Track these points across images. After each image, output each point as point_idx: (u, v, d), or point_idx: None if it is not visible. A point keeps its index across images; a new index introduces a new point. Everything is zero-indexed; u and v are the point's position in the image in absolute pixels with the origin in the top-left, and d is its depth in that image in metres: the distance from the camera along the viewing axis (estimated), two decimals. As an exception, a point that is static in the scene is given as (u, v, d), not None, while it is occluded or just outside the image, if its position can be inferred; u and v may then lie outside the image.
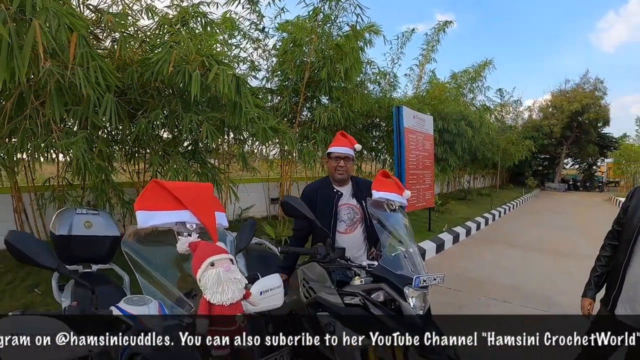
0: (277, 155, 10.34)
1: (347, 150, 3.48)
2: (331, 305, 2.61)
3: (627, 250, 2.70)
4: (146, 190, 1.68)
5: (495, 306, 6.26)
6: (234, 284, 1.49)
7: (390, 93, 13.13)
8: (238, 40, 9.08)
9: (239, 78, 5.07)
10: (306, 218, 2.87)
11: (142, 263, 1.64)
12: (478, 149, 19.27)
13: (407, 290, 2.56)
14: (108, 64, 4.47)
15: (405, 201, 3.16)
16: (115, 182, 5.70)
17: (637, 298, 2.61)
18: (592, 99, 38.94)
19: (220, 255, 1.51)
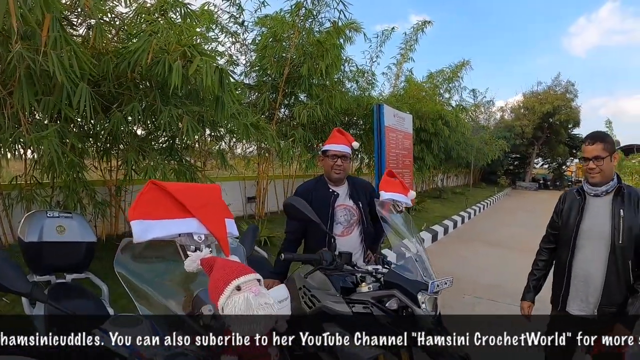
0: (254, 153, 10.16)
1: (345, 148, 3.29)
2: (338, 315, 2.41)
3: (569, 248, 2.91)
4: (142, 193, 1.37)
5: (482, 305, 6.26)
6: (266, 310, 1.21)
7: (369, 91, 13.00)
8: (216, 33, 8.86)
9: (223, 70, 4.81)
10: (311, 221, 2.67)
11: (140, 286, 1.35)
12: (453, 148, 19.31)
13: (420, 296, 2.40)
14: (84, 52, 4.16)
15: (409, 202, 3.06)
16: (86, 180, 5.39)
17: (589, 291, 2.82)
18: (563, 101, 39.84)
19: (247, 276, 1.22)
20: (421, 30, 15.15)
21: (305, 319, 2.53)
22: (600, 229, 2.79)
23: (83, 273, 3.07)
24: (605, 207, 2.81)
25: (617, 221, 2.73)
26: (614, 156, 2.76)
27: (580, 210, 2.90)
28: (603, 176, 2.77)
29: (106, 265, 2.78)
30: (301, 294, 2.60)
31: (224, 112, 5.23)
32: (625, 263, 2.71)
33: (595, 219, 2.82)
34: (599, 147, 2.74)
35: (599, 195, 2.84)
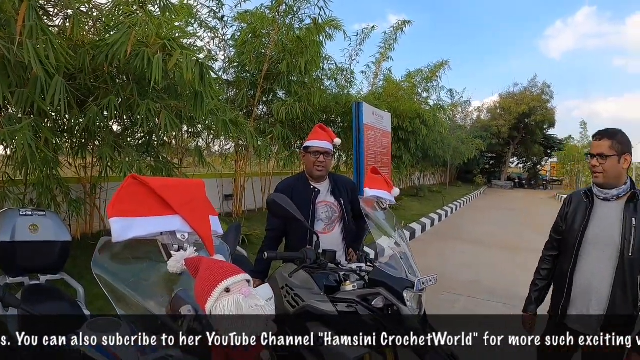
0: (232, 150, 10.09)
1: (327, 145, 3.23)
2: (324, 314, 2.37)
3: (572, 256, 2.66)
4: (122, 189, 1.26)
5: (460, 301, 6.29)
6: (257, 313, 1.13)
7: (348, 90, 13.01)
8: (195, 28, 8.81)
9: (203, 64, 4.72)
10: (294, 218, 2.62)
11: (120, 289, 1.26)
12: (430, 147, 19.41)
13: (406, 293, 2.37)
14: (61, 43, 4.03)
15: (393, 199, 3.02)
16: (61, 178, 5.22)
17: (591, 304, 2.58)
18: (539, 102, 40.72)
19: (236, 276, 1.14)
20: (400, 29, 15.20)
21: (289, 319, 2.47)
22: (608, 237, 2.53)
23: (58, 274, 2.95)
24: (615, 214, 2.53)
25: (629, 231, 2.46)
26: (624, 157, 2.47)
27: (587, 215, 2.63)
28: (606, 177, 2.50)
29: (81, 265, 2.70)
30: (284, 293, 2.55)
31: (204, 108, 5.13)
32: (634, 277, 2.46)
33: (604, 225, 2.56)
34: (605, 144, 2.48)
35: (608, 199, 2.57)
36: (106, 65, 4.64)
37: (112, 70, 4.97)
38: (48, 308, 2.01)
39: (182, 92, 5.27)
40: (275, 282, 2.64)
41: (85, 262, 4.96)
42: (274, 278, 2.72)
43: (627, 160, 2.48)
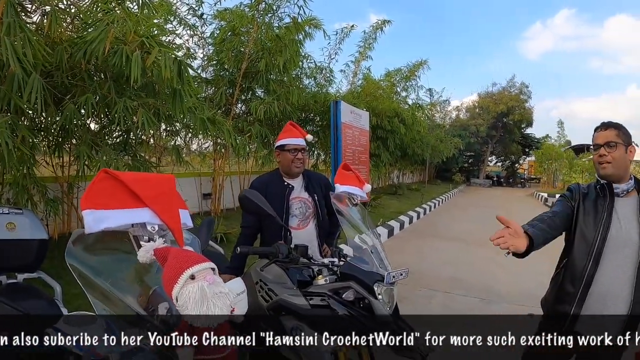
0: (210, 148, 10.09)
1: (302, 142, 3.28)
2: (297, 308, 2.41)
3: (590, 258, 2.35)
4: (94, 183, 1.31)
5: (437, 297, 6.37)
6: (220, 299, 1.18)
7: (326, 88, 13.09)
8: (174, 25, 8.74)
9: (181, 62, 4.70)
10: (266, 214, 2.66)
11: (93, 278, 1.29)
12: (409, 146, 19.53)
13: (377, 287, 2.42)
14: (39, 40, 4.03)
15: (365, 195, 3.07)
16: (37, 176, 5.18)
17: (607, 309, 2.32)
18: (517, 102, 41.42)
19: (201, 264, 1.20)
20: (380, 29, 15.27)
21: (263, 313, 2.52)
22: (626, 237, 2.30)
23: (35, 272, 2.92)
24: (630, 211, 2.33)
25: None
26: (630, 148, 2.32)
27: (608, 212, 2.36)
28: (615, 167, 2.30)
29: (59, 265, 2.71)
30: (258, 288, 2.59)
31: (182, 106, 5.12)
32: None
33: (623, 223, 2.32)
34: (612, 133, 2.30)
35: (619, 194, 2.36)
36: (84, 62, 4.61)
37: (90, 68, 4.94)
38: (26, 306, 2.01)
39: (160, 90, 5.26)
40: (250, 278, 2.68)
41: (62, 262, 4.92)
42: (248, 274, 2.76)
43: (632, 151, 2.33)
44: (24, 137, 4.36)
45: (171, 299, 1.18)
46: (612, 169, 2.30)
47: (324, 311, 2.38)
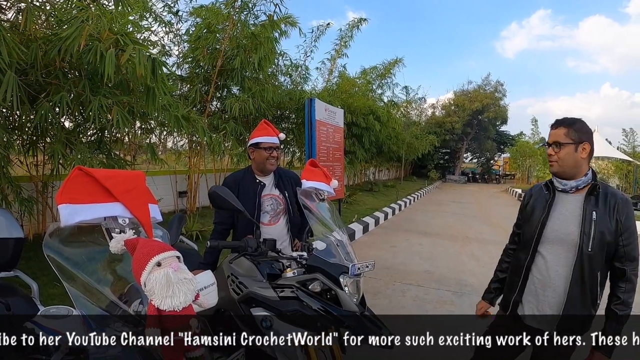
0: (185, 146, 10.08)
1: (276, 140, 3.35)
2: (266, 300, 2.50)
3: (529, 250, 2.53)
4: (69, 179, 1.40)
5: (410, 291, 6.45)
6: (184, 285, 1.28)
7: (302, 85, 13.16)
8: (149, 22, 8.71)
9: (155, 59, 4.74)
10: (236, 210, 2.74)
11: (69, 268, 1.36)
12: (384, 143, 19.69)
13: (342, 279, 2.52)
14: (13, 37, 4.04)
15: (332, 190, 3.13)
16: (11, 176, 5.17)
17: (547, 300, 2.46)
18: (492, 100, 42.02)
19: (167, 252, 1.30)
20: (356, 27, 15.40)
21: (233, 304, 2.60)
22: (566, 232, 2.40)
23: (12, 271, 2.90)
24: (575, 207, 2.41)
25: (588, 225, 2.33)
26: (582, 146, 2.34)
27: (547, 208, 2.50)
28: (561, 166, 2.38)
29: (35, 266, 2.74)
30: (229, 281, 2.66)
31: (155, 103, 5.16)
32: (594, 275, 2.34)
33: (563, 219, 2.43)
34: (560, 132, 2.37)
35: (567, 191, 2.45)
36: (58, 60, 4.63)
37: (64, 66, 4.95)
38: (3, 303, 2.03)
39: (135, 88, 5.28)
40: (222, 272, 2.76)
41: (39, 263, 4.90)
42: (220, 268, 2.83)
43: (585, 149, 2.35)
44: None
45: (137, 282, 1.26)
46: (557, 167, 2.40)
47: (293, 303, 2.46)
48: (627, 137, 39.64)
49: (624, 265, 2.33)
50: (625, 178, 29.87)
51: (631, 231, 2.33)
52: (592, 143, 2.37)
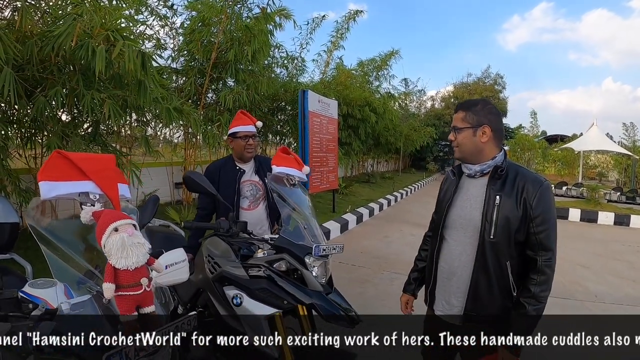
0: (181, 138, 10.22)
1: (252, 128, 3.55)
2: (236, 278, 2.69)
3: (437, 238, 2.43)
4: (49, 160, 1.61)
5: (399, 279, 6.54)
6: (137, 248, 1.48)
7: (297, 77, 13.33)
8: (145, 16, 8.82)
9: (145, 54, 4.90)
10: (208, 193, 2.92)
11: (47, 236, 1.57)
12: (381, 135, 19.80)
13: (307, 259, 2.69)
14: (9, 36, 4.20)
15: (304, 176, 3.25)
16: (9, 168, 5.30)
17: (452, 290, 2.35)
18: (492, 92, 42.20)
19: (124, 220, 1.50)
20: (353, 19, 15.51)
21: (209, 283, 2.79)
22: (469, 217, 2.28)
23: (7, 254, 3.11)
24: (479, 192, 2.27)
25: (490, 210, 2.19)
26: (482, 129, 2.22)
27: (452, 193, 2.40)
28: (461, 151, 2.29)
29: (31, 254, 2.94)
30: (206, 261, 2.86)
31: (147, 96, 5.32)
32: (500, 264, 2.18)
33: (466, 204, 2.32)
34: (458, 116, 2.28)
35: (472, 176, 2.32)
36: (53, 55, 4.77)
37: (59, 61, 5.08)
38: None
39: (129, 81, 5.41)
40: (201, 254, 2.95)
41: (35, 252, 5.07)
42: (200, 250, 3.02)
43: (485, 132, 2.22)
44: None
45: (99, 243, 1.47)
46: (458, 152, 2.31)
47: (262, 281, 2.65)
48: (628, 132, 39.91)
49: (536, 255, 2.15)
50: (624, 172, 30.00)
51: (545, 218, 2.14)
52: (494, 125, 2.25)
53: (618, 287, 6.99)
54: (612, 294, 6.62)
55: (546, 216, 2.14)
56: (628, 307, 6.07)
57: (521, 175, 2.20)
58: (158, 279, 1.66)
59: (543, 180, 2.19)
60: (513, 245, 2.17)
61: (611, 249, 10.12)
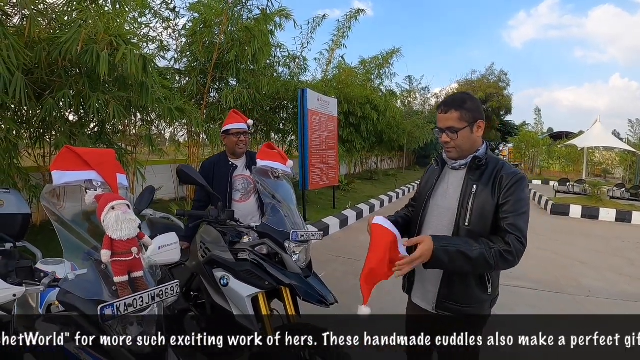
0: (185, 137, 10.47)
1: (244, 126, 3.85)
2: (224, 261, 2.99)
3: (417, 224, 2.45)
4: (60, 154, 1.91)
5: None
6: (130, 223, 1.77)
7: (299, 76, 13.54)
8: (148, 19, 9.06)
9: (146, 58, 5.20)
10: (199, 184, 3.21)
11: (58, 214, 1.85)
12: (384, 132, 19.94)
13: (287, 244, 2.97)
14: (19, 42, 4.48)
15: (289, 169, 3.46)
16: (20, 166, 5.62)
17: (427, 275, 2.37)
18: (496, 89, 42.18)
19: (119, 200, 1.80)
20: (354, 18, 15.68)
21: (200, 266, 3.10)
22: (447, 206, 2.32)
23: (20, 242, 3.35)
24: (459, 182, 2.31)
25: (467, 199, 2.22)
26: (477, 125, 2.23)
27: (435, 182, 2.42)
28: (461, 151, 2.27)
29: (41, 247, 3.23)
30: (199, 247, 3.17)
31: (149, 97, 5.62)
32: None
33: (446, 194, 2.35)
34: (453, 116, 2.21)
35: (456, 168, 2.35)
36: (60, 60, 5.05)
37: (66, 65, 5.36)
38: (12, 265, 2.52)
39: (133, 83, 5.70)
40: (196, 241, 3.26)
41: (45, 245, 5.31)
42: (195, 238, 3.32)
43: (480, 127, 2.24)
44: (8, 130, 4.87)
45: (99, 218, 1.79)
46: (456, 153, 2.29)
47: (246, 264, 2.95)
48: (633, 128, 39.94)
49: (507, 231, 2.12)
50: (629, 169, 30.08)
51: (516, 207, 2.15)
52: (484, 117, 2.27)
53: (615, 284, 7.05)
54: (608, 289, 6.70)
55: (516, 206, 2.15)
56: (621, 302, 6.18)
57: (499, 168, 2.23)
58: (154, 257, 1.95)
59: (519, 172, 2.22)
60: (488, 234, 2.18)
61: (611, 245, 10.18)
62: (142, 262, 1.83)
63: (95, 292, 1.74)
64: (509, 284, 6.24)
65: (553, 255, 8.78)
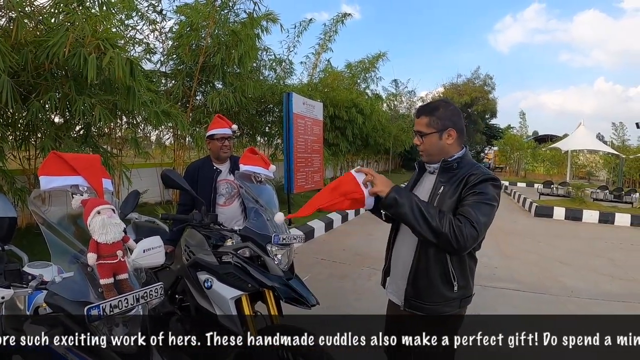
0: (171, 140, 10.45)
1: (228, 131, 3.88)
2: (207, 264, 3.03)
3: (394, 225, 2.58)
4: (47, 160, 1.95)
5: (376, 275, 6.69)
6: (114, 227, 1.82)
7: (285, 80, 13.57)
8: (135, 21, 9.01)
9: (133, 62, 5.22)
10: (183, 189, 3.24)
11: (46, 219, 1.89)
12: (370, 135, 19.98)
13: (269, 247, 3.03)
14: (5, 45, 4.48)
15: (271, 174, 3.50)
16: (5, 169, 5.58)
17: (398, 271, 2.46)
18: (481, 93, 42.46)
19: (105, 205, 1.84)
20: (341, 22, 15.81)
21: (185, 269, 3.15)
22: None
23: (6, 245, 3.25)
24: (430, 184, 2.36)
25: (433, 199, 2.26)
26: (447, 132, 2.25)
27: (413, 185, 2.50)
28: (429, 155, 2.33)
29: (28, 251, 3.23)
30: (183, 250, 3.22)
31: (135, 100, 5.64)
32: (439, 251, 2.21)
33: (419, 195, 2.29)
34: (422, 121, 2.28)
35: (431, 171, 2.40)
36: (47, 63, 5.06)
37: (53, 68, 5.37)
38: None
39: (119, 86, 5.70)
40: (180, 245, 3.31)
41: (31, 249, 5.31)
42: (179, 242, 3.37)
43: (450, 135, 2.26)
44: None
45: (85, 223, 1.82)
46: (426, 156, 2.35)
47: (229, 267, 2.99)
48: (617, 131, 40.38)
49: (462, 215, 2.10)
50: (613, 171, 30.38)
51: (475, 197, 2.14)
52: (458, 126, 2.29)
53: (596, 284, 7.11)
54: (590, 290, 6.75)
55: (478, 197, 2.13)
56: (603, 302, 6.22)
57: (472, 171, 2.21)
58: (138, 260, 1.99)
59: (490, 173, 2.22)
60: None
61: (594, 246, 10.26)
62: (127, 265, 1.87)
63: (81, 294, 1.78)
64: (493, 285, 6.32)
65: (536, 256, 8.86)
